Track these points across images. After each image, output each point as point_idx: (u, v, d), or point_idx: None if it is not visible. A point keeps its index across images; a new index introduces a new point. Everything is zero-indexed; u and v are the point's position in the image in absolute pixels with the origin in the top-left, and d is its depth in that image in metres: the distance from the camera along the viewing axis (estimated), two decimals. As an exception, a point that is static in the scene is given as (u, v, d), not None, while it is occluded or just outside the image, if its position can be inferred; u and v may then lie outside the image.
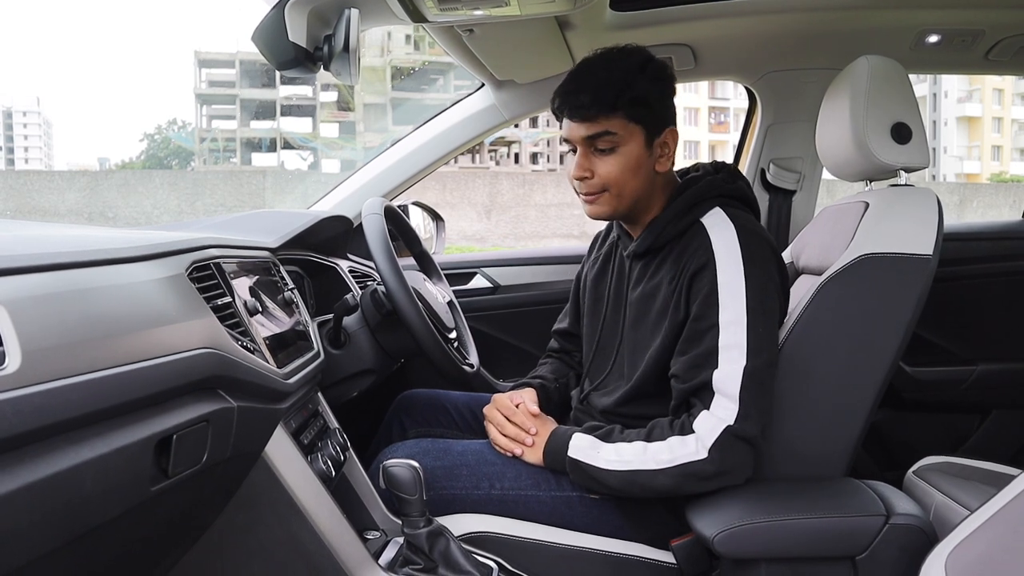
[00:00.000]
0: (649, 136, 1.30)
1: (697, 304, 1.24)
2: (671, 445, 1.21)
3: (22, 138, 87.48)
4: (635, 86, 1.26)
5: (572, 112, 1.29)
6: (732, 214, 1.29)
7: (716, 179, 1.35)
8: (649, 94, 1.28)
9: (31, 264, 0.73)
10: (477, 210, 17.47)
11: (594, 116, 1.27)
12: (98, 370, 0.72)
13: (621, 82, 1.26)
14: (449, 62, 16.07)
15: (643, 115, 1.28)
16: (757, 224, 1.32)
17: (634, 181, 1.31)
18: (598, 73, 1.28)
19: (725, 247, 1.25)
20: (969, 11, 1.79)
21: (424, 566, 1.19)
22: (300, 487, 1.14)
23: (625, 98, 1.26)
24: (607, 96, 1.25)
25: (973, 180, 40.80)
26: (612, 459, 1.24)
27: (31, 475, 0.64)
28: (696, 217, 1.31)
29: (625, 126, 1.28)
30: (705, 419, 1.20)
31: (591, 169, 1.31)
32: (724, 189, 1.34)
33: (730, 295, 1.22)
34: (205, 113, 46.51)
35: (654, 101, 1.29)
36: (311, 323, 1.43)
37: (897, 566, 1.11)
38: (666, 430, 1.24)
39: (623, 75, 1.26)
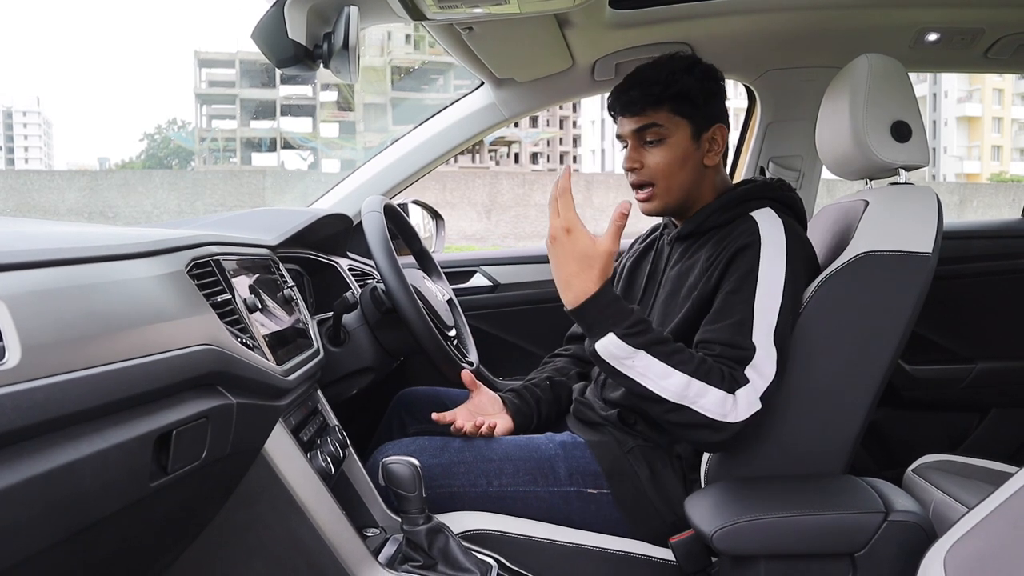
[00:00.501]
0: (696, 130, 1.38)
1: (735, 279, 1.26)
2: (715, 398, 1.17)
3: (22, 138, 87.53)
4: (679, 82, 1.36)
5: (623, 107, 1.39)
6: (781, 217, 1.33)
7: (773, 183, 1.40)
8: (692, 90, 1.36)
9: (31, 260, 0.73)
10: (477, 210, 17.48)
11: (641, 110, 1.37)
12: (97, 366, 0.72)
13: (667, 79, 1.36)
14: (449, 61, 15.94)
15: (688, 110, 1.36)
16: (804, 234, 1.36)
17: (681, 173, 1.38)
18: (647, 72, 1.38)
19: (772, 236, 1.28)
20: (968, 9, 1.79)
21: (423, 563, 1.19)
22: (300, 484, 1.14)
23: (669, 93, 1.35)
24: (653, 91, 1.35)
25: (973, 180, 40.82)
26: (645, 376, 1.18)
27: (30, 470, 0.65)
28: (746, 211, 1.34)
29: (670, 119, 1.36)
30: (748, 393, 1.18)
31: (640, 160, 1.39)
32: (778, 194, 1.39)
33: (770, 276, 1.24)
34: (205, 113, 46.55)
35: (698, 97, 1.37)
36: (311, 321, 1.43)
37: (896, 563, 1.11)
38: (715, 375, 1.18)
39: (669, 73, 1.36)
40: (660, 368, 1.18)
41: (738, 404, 1.18)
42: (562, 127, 48.86)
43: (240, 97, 44.13)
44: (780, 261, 1.25)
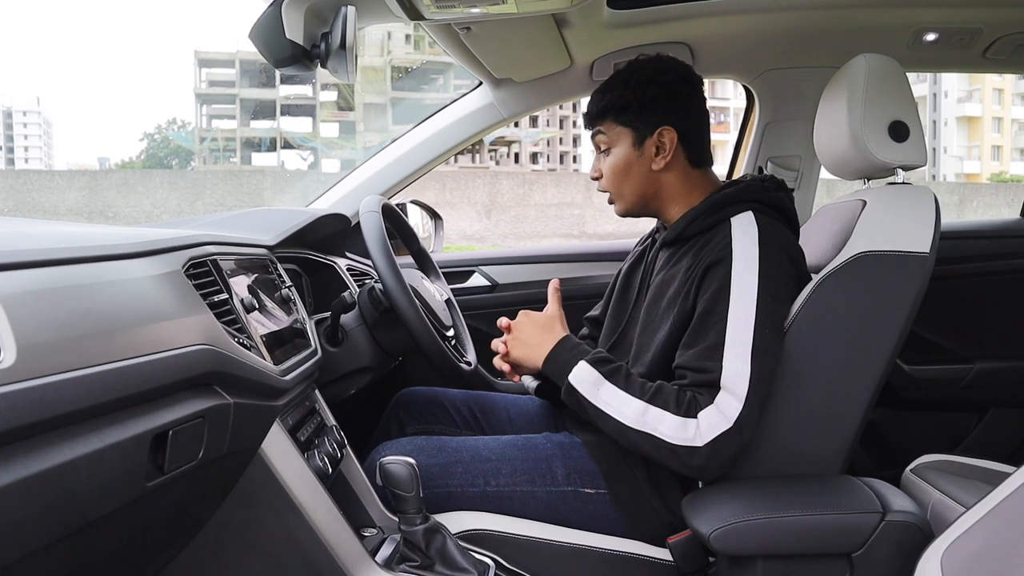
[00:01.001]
0: (638, 137, 1.39)
1: (707, 298, 1.25)
2: (673, 423, 1.19)
3: (22, 138, 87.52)
4: (613, 92, 1.40)
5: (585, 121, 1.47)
6: (761, 220, 1.30)
7: (756, 184, 1.38)
8: (624, 98, 1.39)
9: (27, 259, 0.73)
10: (477, 210, 17.48)
11: (589, 122, 1.45)
12: (94, 365, 0.72)
13: (604, 90, 1.41)
14: (449, 61, 16.01)
15: (626, 118, 1.39)
16: (784, 233, 1.33)
17: (628, 180, 1.41)
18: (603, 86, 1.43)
19: (745, 246, 1.26)
20: (967, 9, 1.79)
21: (421, 563, 1.19)
22: (297, 484, 1.14)
23: (604, 103, 1.41)
24: (597, 103, 1.43)
25: (973, 180, 40.82)
26: (611, 404, 1.23)
27: (26, 470, 0.65)
28: (727, 216, 1.32)
29: (611, 128, 1.41)
30: (711, 414, 1.19)
31: (598, 169, 1.46)
32: (763, 196, 1.36)
33: (742, 291, 1.23)
34: (205, 113, 46.56)
35: (631, 105, 1.38)
36: (308, 321, 1.43)
37: (893, 563, 1.11)
38: (672, 402, 1.21)
39: (608, 86, 1.42)
40: (622, 396, 1.24)
41: (700, 427, 1.19)
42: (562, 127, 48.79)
43: (240, 97, 44.13)
44: (752, 275, 1.23)
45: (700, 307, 1.25)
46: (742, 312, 1.21)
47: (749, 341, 1.20)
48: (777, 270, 1.25)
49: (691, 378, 1.23)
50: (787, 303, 1.26)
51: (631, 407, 1.22)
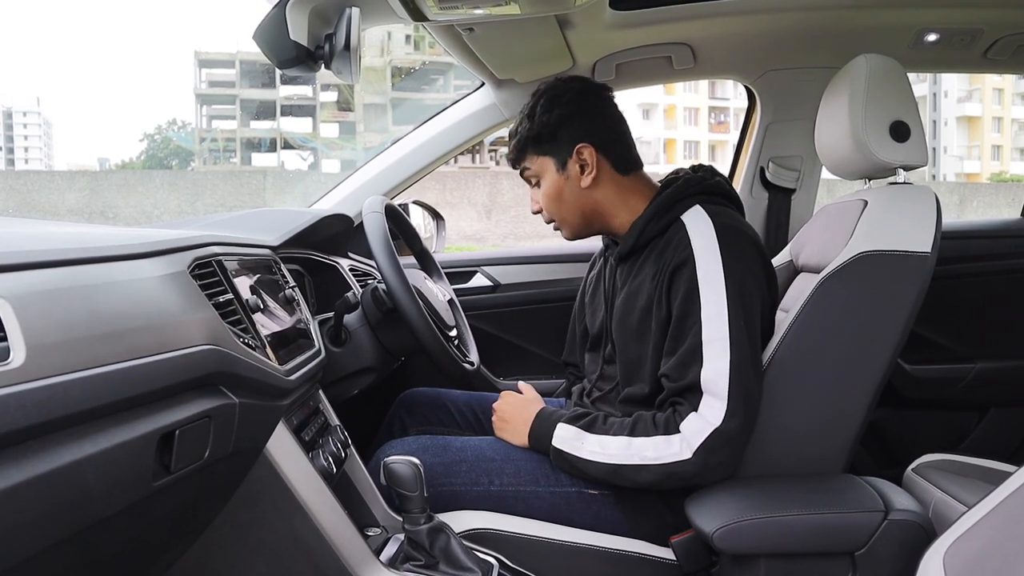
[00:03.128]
0: (559, 161, 1.41)
1: (679, 302, 1.26)
2: (656, 444, 1.23)
3: (22, 138, 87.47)
4: (525, 129, 1.42)
5: None
6: (711, 210, 1.31)
7: (694, 177, 1.38)
8: (534, 130, 1.41)
9: (35, 260, 0.73)
10: (477, 210, 17.46)
11: (512, 160, 1.48)
12: (101, 366, 0.72)
13: (523, 123, 1.43)
14: (449, 62, 15.83)
15: (546, 148, 1.41)
16: (737, 218, 1.34)
17: (564, 205, 1.43)
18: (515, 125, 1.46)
19: (704, 243, 1.27)
20: (968, 10, 1.79)
21: (425, 562, 1.19)
22: (302, 484, 1.14)
23: (523, 138, 1.43)
24: (517, 139, 1.45)
25: (973, 180, 40.78)
26: (596, 451, 1.26)
27: (34, 469, 0.65)
28: (676, 215, 1.33)
29: (535, 159, 1.44)
30: (692, 421, 1.21)
31: (537, 201, 1.47)
32: (703, 186, 1.37)
33: (711, 289, 1.23)
34: (205, 113, 46.54)
35: (543, 133, 1.41)
36: (312, 321, 1.43)
37: (896, 562, 1.11)
38: (650, 426, 1.25)
39: (519, 122, 1.45)
40: (604, 439, 1.27)
41: (685, 437, 1.21)
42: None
43: (240, 97, 44.12)
44: (717, 270, 1.24)
45: (675, 312, 1.26)
46: (715, 310, 1.23)
47: (726, 336, 1.21)
48: (740, 258, 1.26)
49: (673, 386, 1.24)
50: (756, 288, 1.27)
51: (615, 446, 1.25)
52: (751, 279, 1.27)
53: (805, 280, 1.48)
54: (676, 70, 2.00)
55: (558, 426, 1.31)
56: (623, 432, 1.26)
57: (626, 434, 1.26)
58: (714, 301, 1.23)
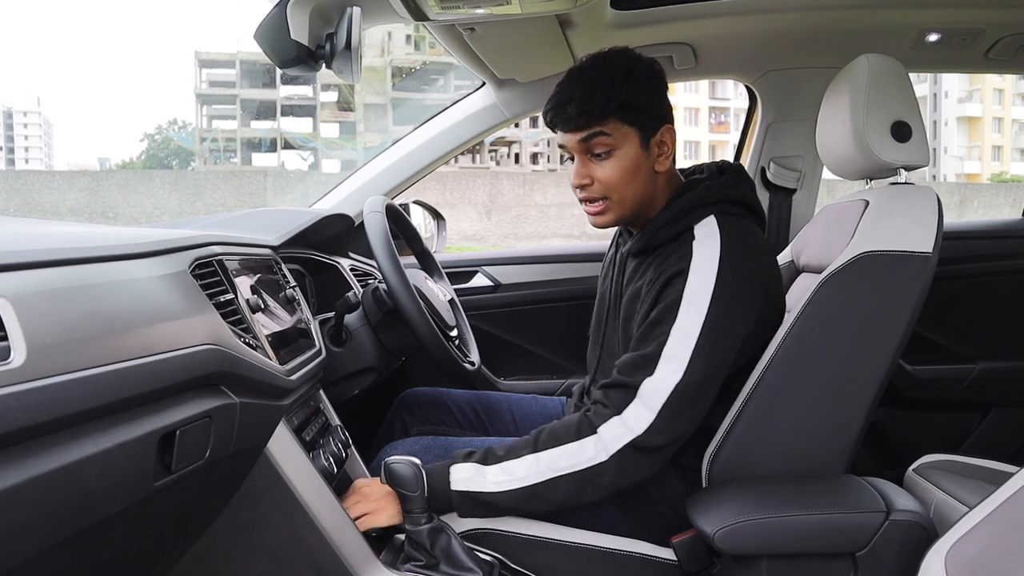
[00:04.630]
0: (644, 137, 1.29)
1: (660, 308, 1.23)
2: (568, 451, 1.20)
3: (22, 138, 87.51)
4: (622, 91, 1.25)
5: (564, 124, 1.28)
6: (725, 224, 1.27)
7: (714, 184, 1.33)
8: (637, 97, 1.27)
9: (36, 260, 0.73)
10: (477, 210, 17.47)
11: (586, 124, 1.27)
12: (102, 365, 0.72)
13: (608, 88, 1.25)
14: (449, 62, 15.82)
15: (635, 117, 1.27)
16: (751, 236, 1.29)
17: (634, 184, 1.30)
18: (584, 83, 1.27)
19: (704, 259, 1.23)
20: (969, 10, 1.79)
21: (426, 563, 1.19)
22: (302, 484, 1.14)
23: (613, 104, 1.25)
24: (595, 105, 1.25)
25: (973, 180, 40.79)
26: (502, 480, 1.21)
27: (35, 469, 0.65)
28: (690, 224, 1.28)
29: (619, 129, 1.27)
30: (614, 425, 1.19)
31: (590, 175, 1.30)
32: (723, 194, 1.31)
33: (692, 307, 1.20)
34: (205, 113, 46.55)
35: (643, 103, 1.28)
36: (313, 321, 1.43)
37: (897, 562, 1.11)
38: (556, 436, 1.22)
39: (609, 82, 1.25)
40: (508, 466, 1.21)
41: (603, 440, 1.19)
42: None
43: (240, 97, 44.13)
44: (706, 294, 1.20)
45: (652, 314, 1.24)
46: (687, 327, 1.19)
47: (686, 357, 1.18)
48: (736, 282, 1.22)
49: (616, 379, 1.22)
50: (743, 316, 1.23)
51: (522, 468, 1.21)
52: (742, 305, 1.23)
53: (806, 280, 1.48)
54: (677, 70, 2.00)
55: (452, 468, 1.23)
56: (526, 451, 1.22)
57: (530, 452, 1.22)
58: (690, 319, 1.20)
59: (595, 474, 1.18)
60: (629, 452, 1.18)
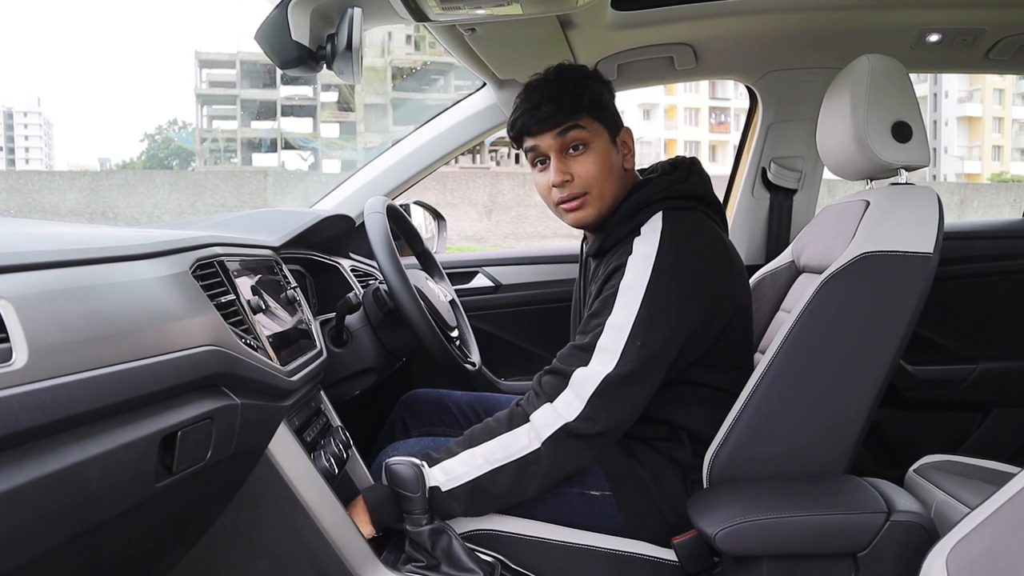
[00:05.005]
0: (612, 134, 1.35)
1: (599, 301, 1.26)
2: (502, 442, 1.22)
3: (23, 138, 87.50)
4: (590, 88, 1.33)
5: (539, 123, 1.32)
6: (671, 218, 1.29)
7: (662, 181, 1.35)
8: (603, 95, 1.35)
9: (37, 261, 0.73)
10: (478, 210, 17.47)
11: (563, 119, 1.31)
12: (103, 367, 0.73)
13: (577, 87, 1.32)
14: (449, 62, 15.84)
15: (603, 115, 1.34)
16: (696, 228, 1.31)
17: (611, 179, 1.34)
18: (552, 85, 1.33)
19: (641, 254, 1.26)
20: (970, 10, 1.79)
21: (427, 564, 1.19)
22: (303, 484, 1.14)
23: (585, 99, 1.32)
24: (569, 99, 1.31)
25: (974, 180, 40.77)
26: (443, 480, 1.23)
27: (37, 471, 0.65)
28: (639, 223, 1.31)
29: (591, 124, 1.32)
30: (545, 412, 1.22)
31: (569, 172, 1.33)
32: (672, 191, 1.34)
33: (626, 301, 1.23)
34: (206, 113, 46.54)
35: (608, 101, 1.36)
36: (313, 321, 1.43)
37: (898, 563, 1.11)
38: (489, 430, 1.25)
39: (576, 81, 1.33)
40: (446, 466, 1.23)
41: (536, 428, 1.21)
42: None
43: (241, 98, 44.12)
44: (642, 281, 1.22)
45: (593, 306, 1.27)
46: (620, 320, 1.22)
47: (618, 350, 1.20)
48: (672, 276, 1.23)
49: (554, 366, 1.25)
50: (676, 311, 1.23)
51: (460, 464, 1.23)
52: (677, 302, 1.23)
53: (807, 280, 1.48)
54: (678, 70, 2.00)
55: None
56: (460, 448, 1.25)
57: (465, 448, 1.24)
58: (624, 312, 1.22)
59: (531, 462, 1.21)
60: (562, 437, 1.20)
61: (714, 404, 1.31)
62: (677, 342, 1.24)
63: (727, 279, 1.32)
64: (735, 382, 1.30)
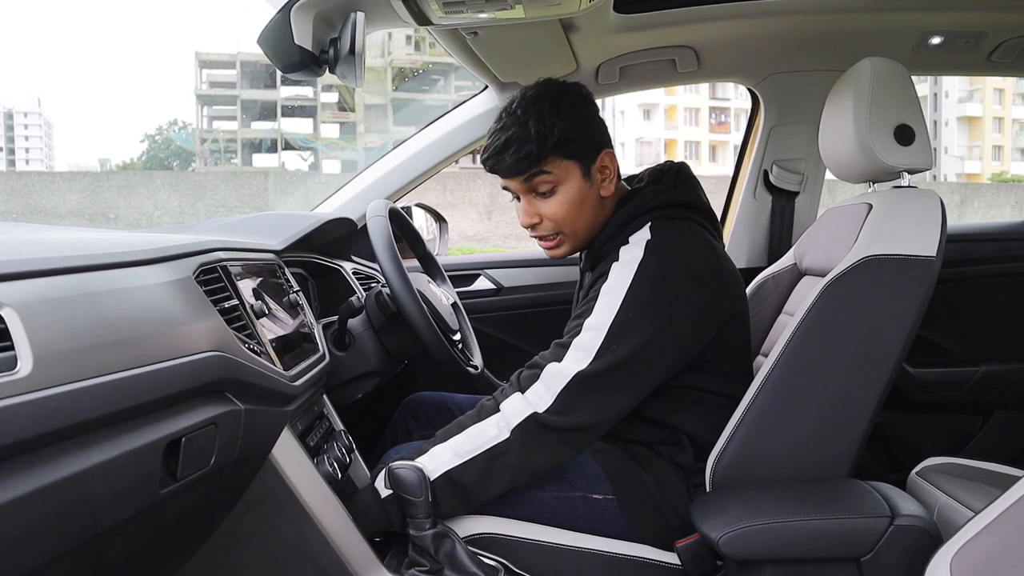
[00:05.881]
0: (584, 167, 1.31)
1: (582, 303, 1.28)
2: (471, 435, 1.24)
3: (23, 139, 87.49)
4: (555, 128, 1.27)
5: (505, 171, 1.31)
6: (657, 227, 1.29)
7: (648, 192, 1.34)
8: (571, 131, 1.28)
9: (41, 268, 0.73)
10: (478, 210, 17.47)
11: (526, 168, 1.29)
12: (108, 373, 0.73)
13: (543, 124, 1.26)
14: (450, 63, 15.84)
15: (572, 151, 1.29)
16: (684, 235, 1.30)
17: (582, 215, 1.33)
18: (516, 126, 1.28)
19: (626, 260, 1.26)
20: (972, 13, 1.79)
21: (430, 568, 1.19)
22: (307, 489, 1.14)
23: (549, 144, 1.27)
24: (531, 148, 1.27)
25: (974, 180, 40.76)
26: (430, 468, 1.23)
27: (42, 479, 0.65)
28: (628, 235, 1.31)
29: (559, 165, 1.29)
30: (515, 401, 1.23)
31: (538, 213, 1.33)
32: (659, 200, 1.33)
33: (606, 303, 1.24)
34: (206, 114, 46.53)
35: (578, 135, 1.29)
36: (316, 325, 1.43)
37: (902, 567, 1.11)
38: (462, 423, 1.26)
39: (541, 118, 1.27)
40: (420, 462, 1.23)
41: (505, 416, 1.23)
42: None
43: (241, 98, 44.13)
44: (623, 286, 1.23)
45: (577, 308, 1.30)
46: (599, 321, 1.23)
47: (593, 349, 1.21)
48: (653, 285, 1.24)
49: (531, 360, 1.28)
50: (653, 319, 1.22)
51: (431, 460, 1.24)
52: (660, 307, 1.23)
53: (809, 283, 1.48)
54: (680, 73, 2.00)
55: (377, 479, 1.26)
56: (431, 445, 1.26)
57: (441, 442, 1.25)
58: (603, 314, 1.23)
59: (500, 452, 1.22)
60: (531, 426, 1.21)
61: (713, 408, 1.31)
62: (657, 347, 1.24)
63: (715, 288, 1.30)
64: (734, 387, 1.31)
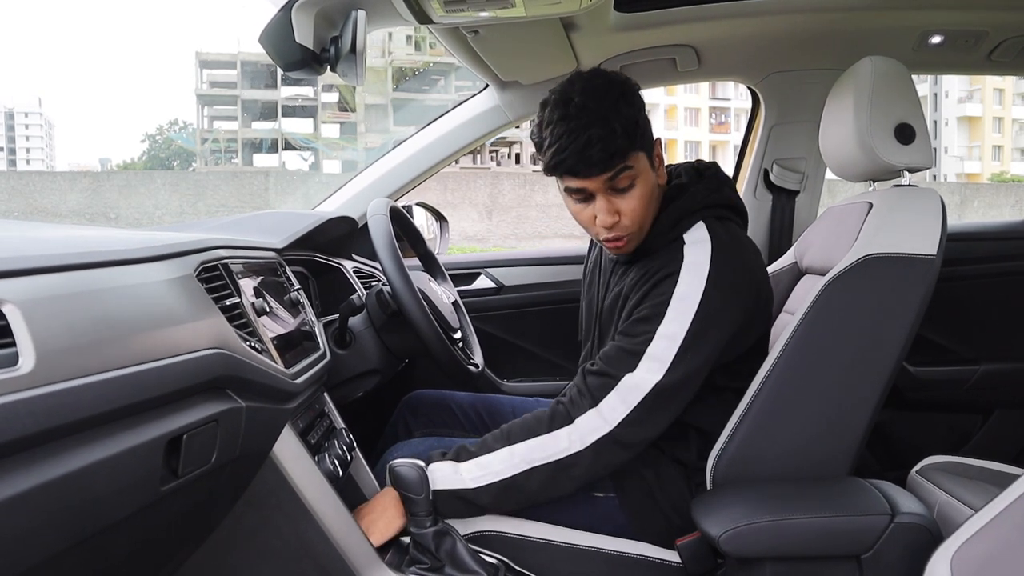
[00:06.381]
0: (650, 157, 1.27)
1: (648, 305, 1.23)
2: (543, 443, 1.21)
3: (24, 139, 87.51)
4: (631, 119, 1.21)
5: (588, 168, 1.20)
6: (714, 229, 1.27)
7: (699, 191, 1.32)
8: (640, 121, 1.23)
9: (44, 265, 0.73)
10: (478, 210, 17.48)
11: (616, 163, 1.20)
12: (109, 370, 0.73)
13: (622, 120, 1.19)
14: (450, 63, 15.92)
15: (643, 142, 1.24)
16: (739, 240, 1.30)
17: (652, 207, 1.28)
18: (596, 120, 1.18)
19: (694, 263, 1.23)
20: (972, 12, 1.79)
21: (431, 565, 1.19)
22: (308, 487, 1.14)
23: (636, 137, 1.21)
24: (620, 142, 1.19)
25: (974, 180, 40.76)
26: (478, 475, 1.22)
27: (44, 475, 0.65)
28: (679, 233, 1.28)
29: (637, 157, 1.23)
30: (591, 417, 1.21)
31: (618, 211, 1.25)
32: (709, 199, 1.31)
33: (680, 311, 1.21)
34: (206, 114, 46.52)
35: (644, 124, 1.24)
36: (317, 323, 1.43)
37: (902, 565, 1.11)
38: (529, 429, 1.23)
39: (617, 112, 1.19)
40: (483, 460, 1.23)
41: (580, 430, 1.21)
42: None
43: (242, 98, 44.12)
44: (697, 292, 1.20)
45: (640, 311, 1.24)
46: (673, 330, 1.20)
47: (668, 359, 1.19)
48: (724, 291, 1.21)
49: (599, 367, 1.23)
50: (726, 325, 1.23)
51: (496, 461, 1.22)
52: (727, 315, 1.23)
53: (810, 282, 1.48)
54: (680, 72, 2.00)
55: (430, 468, 1.23)
56: (499, 445, 1.24)
57: (503, 446, 1.23)
58: (677, 322, 1.20)
59: (569, 464, 1.20)
60: (606, 444, 1.20)
61: (724, 402, 1.31)
62: (720, 351, 1.24)
63: (768, 292, 1.33)
64: (744, 379, 1.30)
